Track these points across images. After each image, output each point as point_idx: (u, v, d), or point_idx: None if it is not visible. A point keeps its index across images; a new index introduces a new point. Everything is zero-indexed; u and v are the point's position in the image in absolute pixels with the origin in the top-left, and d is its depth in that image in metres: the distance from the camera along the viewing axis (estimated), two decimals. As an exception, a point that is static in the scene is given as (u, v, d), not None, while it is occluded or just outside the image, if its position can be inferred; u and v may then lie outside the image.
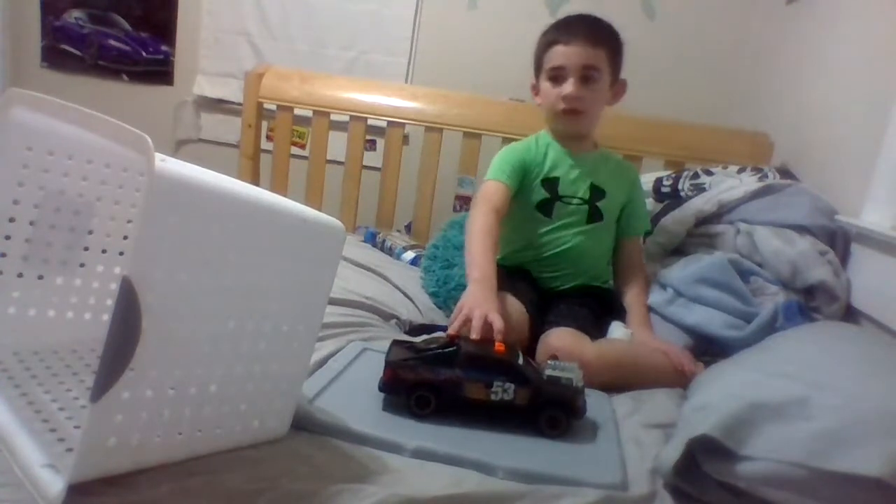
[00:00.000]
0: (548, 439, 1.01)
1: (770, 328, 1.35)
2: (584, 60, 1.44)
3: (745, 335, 1.36)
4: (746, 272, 1.50)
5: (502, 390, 1.01)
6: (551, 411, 1.01)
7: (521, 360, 1.04)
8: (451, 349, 1.03)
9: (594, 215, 1.55)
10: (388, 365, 1.02)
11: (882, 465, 0.76)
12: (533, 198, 1.55)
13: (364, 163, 2.38)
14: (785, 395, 0.89)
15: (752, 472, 0.84)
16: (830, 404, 0.85)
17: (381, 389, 1.02)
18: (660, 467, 0.92)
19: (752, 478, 0.84)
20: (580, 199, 1.54)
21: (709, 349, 1.39)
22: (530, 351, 1.31)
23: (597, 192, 1.55)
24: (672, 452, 0.90)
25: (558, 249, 1.55)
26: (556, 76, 1.47)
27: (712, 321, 1.41)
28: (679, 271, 1.53)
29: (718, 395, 0.97)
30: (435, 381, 1.00)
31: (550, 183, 1.55)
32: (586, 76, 1.45)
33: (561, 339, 1.30)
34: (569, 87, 1.45)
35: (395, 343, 1.09)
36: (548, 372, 1.04)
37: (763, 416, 0.86)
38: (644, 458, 0.99)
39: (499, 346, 1.05)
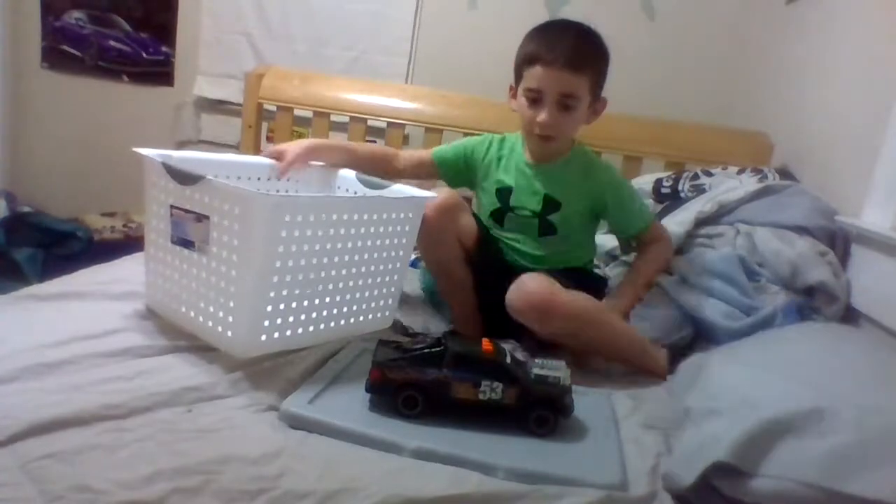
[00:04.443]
0: (540, 438, 1.01)
1: (766, 326, 1.36)
2: (563, 88, 1.36)
3: (739, 326, 1.37)
4: (751, 272, 1.50)
5: (490, 390, 1.01)
6: (539, 410, 1.01)
7: (508, 360, 1.04)
8: (438, 349, 1.03)
9: (545, 229, 1.48)
10: (376, 365, 1.02)
11: None
12: (487, 205, 1.55)
13: (364, 163, 2.38)
14: (798, 405, 0.87)
15: (764, 491, 0.82)
16: (845, 419, 0.84)
17: (368, 390, 1.02)
18: (671, 482, 0.91)
19: (763, 496, 0.82)
20: (531, 211, 1.48)
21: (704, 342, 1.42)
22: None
23: (551, 204, 1.47)
24: (685, 474, 0.88)
25: (514, 255, 1.53)
26: (534, 98, 1.39)
27: (712, 308, 1.43)
28: (687, 261, 1.56)
29: (729, 398, 0.95)
30: (423, 381, 1.00)
31: (503, 192, 1.51)
32: (564, 104, 1.38)
33: (534, 280, 1.29)
34: (544, 115, 1.38)
35: (382, 343, 1.09)
36: (535, 371, 1.05)
37: (777, 432, 0.85)
38: (644, 458, 0.99)
39: (486, 346, 1.05)
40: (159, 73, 2.98)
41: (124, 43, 2.96)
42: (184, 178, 1.14)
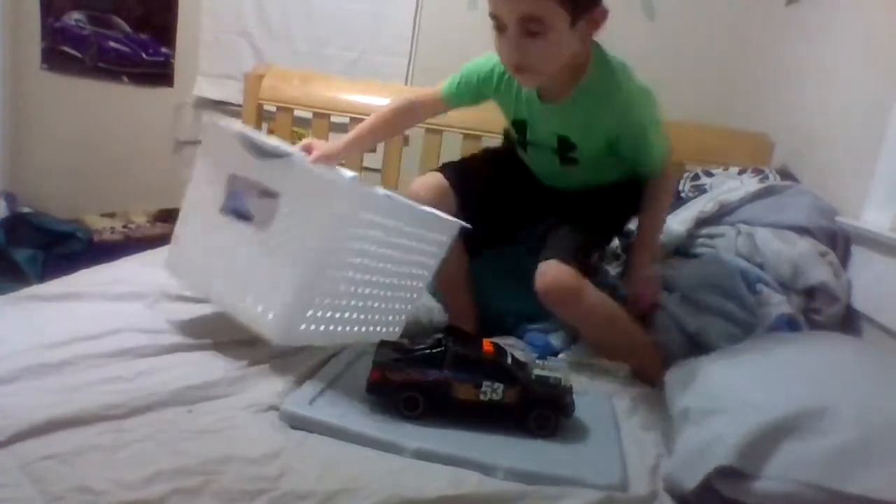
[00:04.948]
0: (541, 439, 1.01)
1: None
2: (520, 11, 1.14)
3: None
4: (754, 281, 1.48)
5: (491, 390, 1.00)
6: (540, 410, 1.01)
7: (509, 360, 1.04)
8: (439, 350, 1.03)
9: (566, 161, 1.41)
10: (376, 365, 1.02)
11: None
12: (511, 132, 1.50)
13: (364, 164, 2.37)
14: (799, 405, 0.87)
15: (767, 492, 0.82)
16: (845, 417, 0.84)
17: (368, 391, 1.02)
18: (672, 485, 0.91)
19: (765, 497, 0.82)
20: (549, 147, 1.41)
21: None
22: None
23: (565, 143, 1.38)
24: (687, 477, 0.88)
25: (542, 179, 1.50)
26: (498, 27, 1.20)
27: (712, 330, 1.40)
28: (686, 274, 1.53)
29: (729, 399, 0.95)
30: (423, 381, 1.00)
31: (520, 126, 1.44)
32: (528, 30, 1.15)
33: (558, 277, 1.28)
34: (505, 45, 1.20)
35: (383, 343, 1.09)
36: (536, 371, 1.05)
37: (780, 433, 0.84)
38: (644, 458, 0.99)
39: (487, 347, 1.05)
40: (159, 73, 2.98)
41: (124, 44, 2.96)
42: (265, 152, 1.09)
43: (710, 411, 0.94)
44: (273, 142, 1.37)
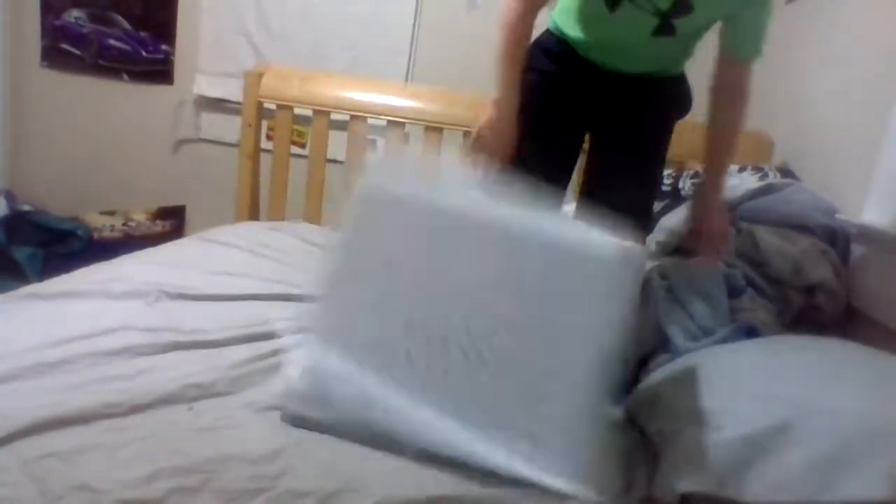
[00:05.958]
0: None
1: None
2: None
3: (694, 347, 1.33)
4: (740, 289, 1.46)
5: None
6: None
7: None
8: None
9: (663, 29, 1.28)
10: None
11: (885, 485, 0.75)
12: None
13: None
14: (767, 420, 0.87)
15: None
16: (816, 426, 0.83)
17: None
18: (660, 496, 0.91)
19: None
20: (655, 8, 1.25)
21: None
22: None
23: (682, 6, 1.25)
24: (667, 496, 0.88)
25: (615, 49, 1.36)
26: None
27: (676, 327, 1.39)
28: (681, 266, 1.53)
29: (695, 419, 0.95)
30: None
31: None
32: None
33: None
34: None
35: None
36: None
37: (751, 452, 0.84)
38: (643, 462, 0.99)
39: None
40: (159, 71, 2.98)
41: (124, 41, 2.96)
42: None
43: (678, 432, 0.95)
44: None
